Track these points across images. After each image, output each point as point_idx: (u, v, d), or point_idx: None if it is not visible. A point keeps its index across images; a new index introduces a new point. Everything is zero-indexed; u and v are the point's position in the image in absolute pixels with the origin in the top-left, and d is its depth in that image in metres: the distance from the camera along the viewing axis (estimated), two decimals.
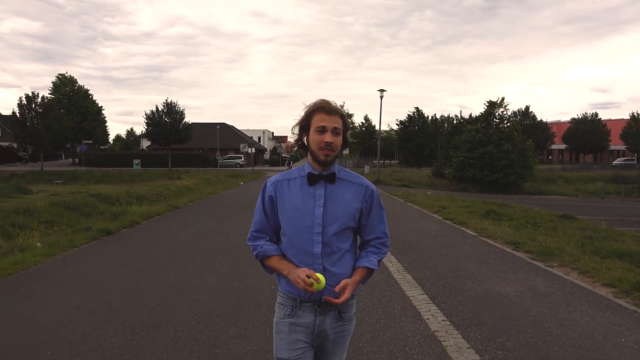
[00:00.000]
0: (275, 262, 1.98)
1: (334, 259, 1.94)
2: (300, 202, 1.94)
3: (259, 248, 2.01)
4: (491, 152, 30.70)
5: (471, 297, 5.17)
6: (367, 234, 2.05)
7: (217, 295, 5.21)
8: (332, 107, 1.91)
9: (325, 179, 1.94)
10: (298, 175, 1.99)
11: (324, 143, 1.88)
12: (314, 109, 1.92)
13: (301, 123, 1.97)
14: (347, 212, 1.95)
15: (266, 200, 2.01)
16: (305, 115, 1.95)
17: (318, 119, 1.90)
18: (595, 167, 58.83)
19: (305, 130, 1.96)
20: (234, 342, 3.89)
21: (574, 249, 7.72)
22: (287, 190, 1.97)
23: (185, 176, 30.39)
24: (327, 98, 1.96)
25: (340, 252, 1.95)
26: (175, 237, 9.26)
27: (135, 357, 3.61)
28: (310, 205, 1.93)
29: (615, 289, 5.46)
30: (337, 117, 1.91)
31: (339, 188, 1.97)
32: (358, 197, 1.98)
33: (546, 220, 12.02)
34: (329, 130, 1.89)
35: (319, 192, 1.94)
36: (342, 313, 1.99)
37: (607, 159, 75.21)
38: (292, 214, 1.94)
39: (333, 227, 1.92)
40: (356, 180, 2.01)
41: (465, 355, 3.63)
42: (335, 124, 1.90)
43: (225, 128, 61.56)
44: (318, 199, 1.93)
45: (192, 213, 13.63)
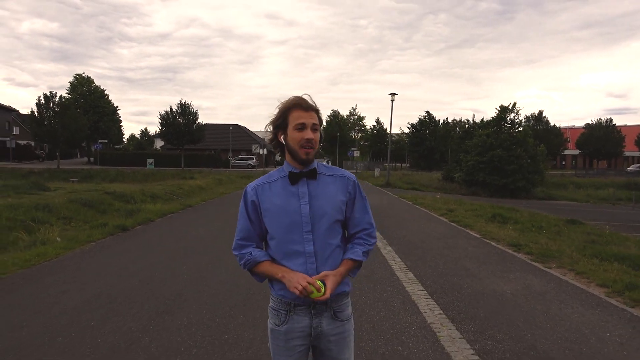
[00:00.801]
0: (267, 267, 1.92)
1: (326, 256, 1.90)
2: (285, 203, 1.89)
3: (247, 256, 1.95)
4: (500, 155, 30.74)
5: (468, 293, 5.42)
6: (353, 226, 2.00)
7: (228, 287, 5.53)
8: (308, 103, 1.89)
9: (307, 176, 1.91)
10: (278, 177, 1.96)
11: (305, 140, 1.85)
12: (290, 106, 1.88)
13: (276, 121, 1.92)
14: (333, 206, 1.91)
15: (249, 206, 1.96)
16: (280, 112, 1.91)
17: (296, 116, 1.86)
18: (610, 173, 58.30)
19: (281, 129, 1.91)
20: (242, 329, 4.20)
21: (574, 251, 7.91)
22: (270, 192, 1.93)
23: (198, 176, 30.92)
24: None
25: (331, 248, 1.91)
26: (189, 233, 9.62)
27: (152, 340, 3.93)
28: (295, 204, 1.89)
29: (608, 289, 5.68)
30: (313, 113, 1.89)
31: (322, 183, 1.93)
32: (342, 189, 1.95)
33: (552, 225, 12.19)
34: (308, 127, 1.86)
35: (302, 190, 1.90)
36: (337, 313, 1.94)
37: (621, 165, 74.45)
38: (278, 216, 1.90)
39: (322, 223, 1.89)
40: (337, 173, 1.99)
41: (457, 345, 3.89)
42: (312, 120, 1.87)
43: (237, 129, 62.21)
44: (302, 197, 1.89)
45: (205, 212, 14.01)
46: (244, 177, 34.35)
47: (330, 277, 1.85)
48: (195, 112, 46.22)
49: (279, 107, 1.92)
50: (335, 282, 1.86)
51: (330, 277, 1.85)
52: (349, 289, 1.99)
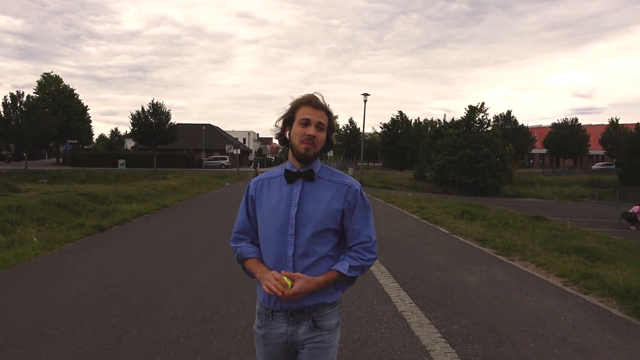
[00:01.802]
0: (252, 264, 1.91)
1: (307, 263, 1.81)
2: (275, 202, 1.85)
3: (238, 250, 1.96)
4: (469, 155, 31.64)
5: (437, 284, 5.80)
6: (351, 238, 1.89)
7: (210, 282, 5.75)
8: (319, 101, 1.83)
9: (303, 176, 1.84)
10: (279, 174, 1.91)
11: (306, 135, 1.79)
12: (300, 102, 1.83)
13: (285, 116, 1.87)
14: (324, 213, 1.82)
15: (248, 201, 1.96)
16: (290, 108, 1.86)
17: (303, 111, 1.81)
18: (576, 171, 60.38)
19: (288, 124, 1.87)
20: (226, 319, 4.45)
21: (536, 245, 8.42)
22: (267, 189, 1.90)
23: (171, 176, 30.72)
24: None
25: (315, 256, 1.82)
26: (167, 233, 9.75)
27: (140, 331, 4.13)
28: (284, 205, 1.83)
29: (566, 279, 6.15)
30: (322, 113, 1.83)
31: (318, 187, 1.85)
32: (339, 197, 1.85)
33: (517, 221, 12.78)
34: (313, 123, 1.80)
35: (296, 191, 1.84)
36: (317, 322, 1.86)
37: (586, 163, 77.11)
38: (267, 215, 1.87)
39: (307, 229, 1.81)
40: (338, 180, 1.88)
41: (426, 330, 4.24)
42: (320, 118, 1.81)
43: (210, 129, 61.83)
44: (293, 198, 1.83)
45: (181, 211, 14.10)
46: (217, 177, 34.26)
47: (300, 281, 1.76)
48: (167, 112, 45.79)
49: (290, 103, 1.87)
50: (304, 288, 1.76)
51: (300, 281, 1.76)
52: (331, 301, 1.88)
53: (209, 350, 3.77)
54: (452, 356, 3.68)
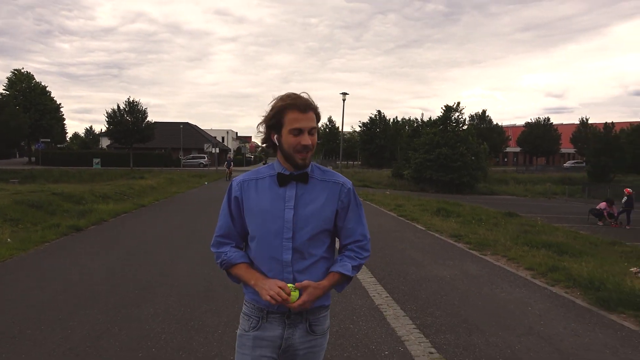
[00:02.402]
0: (242, 270, 1.81)
1: (304, 266, 1.76)
2: (268, 205, 1.76)
3: (223, 255, 1.85)
4: (446, 153, 32.19)
5: (412, 279, 5.99)
6: (345, 237, 1.86)
7: (190, 280, 5.82)
8: (306, 103, 1.71)
9: (297, 179, 1.76)
10: (267, 175, 1.81)
11: (302, 146, 1.70)
12: (285, 105, 1.70)
13: (269, 121, 1.76)
14: (320, 215, 1.77)
15: (232, 202, 1.83)
16: (274, 112, 1.73)
17: (292, 118, 1.69)
18: (549, 169, 61.94)
19: (274, 130, 1.75)
20: (207, 316, 4.54)
21: (508, 241, 8.72)
22: (255, 190, 1.79)
23: (148, 176, 30.34)
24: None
25: (312, 258, 1.77)
26: (146, 232, 9.74)
27: (121, 329, 4.19)
28: (279, 207, 1.74)
29: (534, 272, 6.42)
30: (312, 114, 1.73)
31: (312, 188, 1.78)
32: (333, 197, 1.80)
33: (491, 217, 13.14)
34: (306, 131, 1.71)
35: (289, 193, 1.76)
36: (313, 326, 1.82)
37: (558, 161, 79.13)
38: (259, 218, 1.77)
39: (305, 232, 1.74)
40: (331, 179, 1.82)
41: (401, 321, 4.41)
42: (311, 122, 1.72)
43: (188, 128, 61.25)
44: (288, 200, 1.75)
45: (159, 211, 14.03)
46: (196, 176, 34.02)
47: (309, 289, 1.71)
48: (144, 110, 45.21)
49: (272, 105, 1.76)
50: (314, 295, 1.72)
51: (310, 289, 1.71)
52: (327, 303, 1.86)
53: (191, 345, 3.86)
54: (426, 345, 3.86)
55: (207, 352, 3.72)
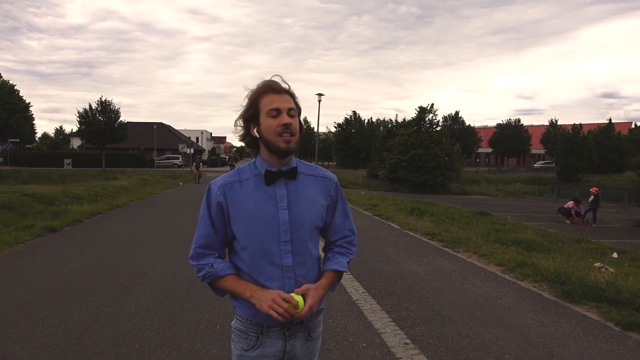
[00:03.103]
0: (232, 283, 1.64)
1: (306, 270, 1.66)
2: (259, 207, 1.61)
3: (207, 268, 1.66)
4: (421, 154, 32.74)
5: (388, 275, 6.19)
6: (333, 233, 1.78)
7: (170, 278, 5.88)
8: (280, 86, 1.62)
9: (286, 175, 1.64)
10: (251, 174, 1.67)
11: (282, 126, 1.58)
12: (260, 92, 1.62)
13: (246, 113, 1.65)
14: (315, 212, 1.68)
15: (213, 208, 1.66)
16: (249, 102, 1.64)
17: (267, 101, 1.59)
18: (520, 170, 63.51)
19: (252, 121, 1.64)
20: (188, 312, 4.63)
21: (479, 238, 9.03)
22: (241, 193, 1.64)
23: (122, 176, 29.86)
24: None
25: (311, 260, 1.68)
26: (123, 232, 9.69)
27: (103, 326, 4.24)
28: (271, 209, 1.61)
29: (504, 267, 6.70)
30: (288, 97, 1.63)
31: (302, 184, 1.67)
32: (324, 191, 1.72)
33: (463, 216, 13.51)
34: (284, 111, 1.59)
35: (280, 192, 1.63)
36: (311, 332, 1.72)
37: (529, 162, 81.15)
38: (250, 222, 1.61)
39: (302, 232, 1.64)
40: (318, 173, 1.74)
41: (378, 315, 4.59)
42: (288, 103, 1.61)
43: (162, 128, 60.51)
44: (280, 200, 1.62)
45: (135, 211, 13.93)
46: (170, 177, 33.68)
47: (311, 292, 1.60)
48: (116, 110, 44.45)
49: (247, 97, 1.66)
50: (318, 297, 1.61)
51: (312, 292, 1.60)
52: (323, 307, 1.77)
53: (174, 341, 3.95)
54: (401, 337, 4.04)
55: (190, 347, 3.82)
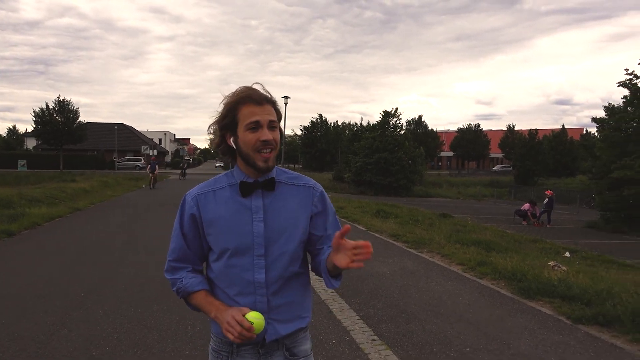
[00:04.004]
0: (200, 299, 1.56)
1: (279, 286, 1.55)
2: (233, 219, 1.52)
3: (178, 283, 1.59)
4: (386, 158, 33.31)
5: (355, 276, 6.36)
6: (321, 244, 1.62)
7: (139, 282, 5.85)
8: (261, 95, 1.51)
9: (263, 186, 1.54)
10: (226, 184, 1.58)
11: (261, 142, 1.48)
12: (238, 100, 1.50)
13: (222, 121, 1.54)
14: (294, 224, 1.56)
15: (186, 220, 1.59)
16: (227, 110, 1.52)
17: (247, 112, 1.48)
18: (480, 173, 65.38)
19: (229, 130, 1.53)
20: (159, 315, 4.64)
21: (442, 239, 9.35)
22: (214, 203, 1.55)
23: (81, 179, 29.02)
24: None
25: (287, 276, 1.56)
26: (85, 236, 9.49)
27: (71, 330, 4.21)
28: (246, 221, 1.52)
29: (465, 266, 7.00)
30: (269, 107, 1.51)
31: (281, 194, 1.57)
32: (305, 202, 1.59)
33: (426, 218, 13.90)
34: (265, 125, 1.48)
35: (256, 203, 1.53)
36: (291, 348, 1.60)
37: (488, 165, 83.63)
38: (223, 234, 1.53)
39: (278, 245, 1.53)
40: (299, 182, 1.62)
41: (346, 314, 4.75)
42: (269, 115, 1.50)
43: (123, 129, 59.01)
44: (256, 212, 1.52)
45: (97, 215, 13.61)
46: (132, 179, 32.95)
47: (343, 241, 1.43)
48: (75, 109, 43.11)
49: (223, 103, 1.55)
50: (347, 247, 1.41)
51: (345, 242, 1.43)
52: (305, 325, 1.64)
53: (145, 342, 3.97)
54: (369, 334, 4.21)
55: (163, 348, 3.86)
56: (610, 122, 19.53)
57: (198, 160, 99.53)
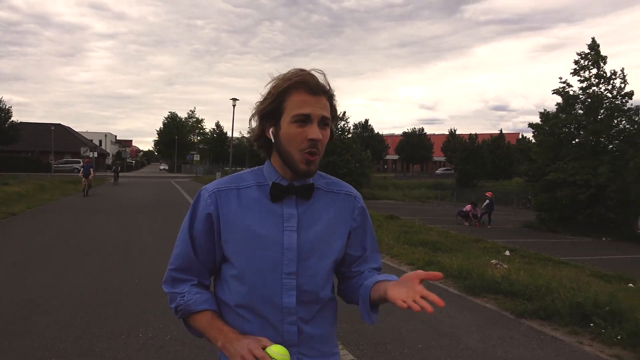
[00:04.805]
0: (205, 322, 1.26)
1: (312, 313, 1.26)
2: (260, 225, 1.24)
3: (178, 298, 1.28)
4: (335, 162, 33.70)
5: None
6: (359, 265, 1.37)
7: (85, 289, 5.60)
8: (319, 84, 1.24)
9: (298, 192, 1.26)
10: (253, 182, 1.29)
11: (308, 142, 1.20)
12: (291, 84, 1.21)
13: (265, 108, 1.25)
14: (331, 239, 1.29)
15: (199, 221, 1.27)
16: (273, 95, 1.23)
17: (297, 101, 1.21)
18: (423, 176, 67.45)
19: (271, 120, 1.25)
20: (107, 323, 4.47)
21: (391, 240, 9.59)
22: (237, 204, 1.26)
23: (14, 182, 27.24)
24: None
25: (321, 301, 1.28)
26: (25, 242, 8.96)
27: (12, 341, 3.97)
28: (276, 229, 1.24)
29: (414, 266, 7.23)
30: (325, 101, 1.24)
31: (318, 203, 1.29)
32: (345, 214, 1.33)
33: (374, 220, 14.17)
34: (315, 120, 1.21)
35: (289, 210, 1.25)
36: None
37: (431, 168, 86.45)
38: (247, 243, 1.23)
39: (311, 264, 1.25)
40: (340, 189, 1.35)
41: None
42: (323, 110, 1.23)
43: (60, 130, 56.06)
44: (288, 220, 1.24)
45: (35, 220, 12.86)
46: (70, 182, 31.37)
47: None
48: (7, 109, 40.54)
49: (270, 86, 1.26)
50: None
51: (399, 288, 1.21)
52: (337, 350, 1.37)
53: (94, 351, 3.82)
54: None
55: (114, 356, 3.72)
56: (545, 128, 20.75)
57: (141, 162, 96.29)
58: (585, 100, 19.68)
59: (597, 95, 19.40)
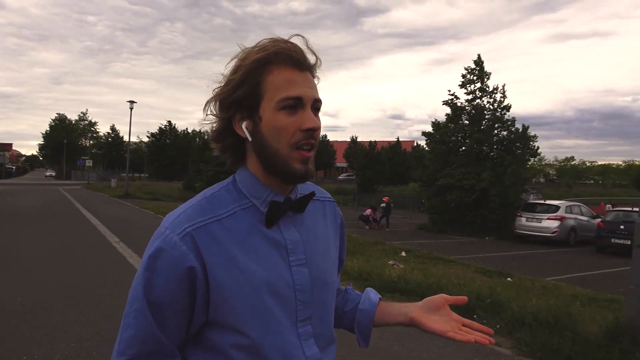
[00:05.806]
0: None
1: (332, 356, 1.03)
2: (264, 267, 0.90)
3: None
4: None
5: None
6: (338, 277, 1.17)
7: None
8: (305, 56, 0.96)
9: (294, 206, 0.97)
10: (235, 206, 0.94)
11: (304, 132, 0.92)
12: (269, 59, 0.91)
13: (233, 92, 0.92)
14: (332, 261, 1.06)
15: (168, 281, 0.86)
16: (244, 73, 0.91)
17: (281, 80, 0.90)
18: (327, 181, 69.04)
19: (243, 109, 0.93)
20: None
21: None
22: (229, 245, 0.89)
23: None
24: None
25: (334, 339, 1.05)
26: None
27: None
28: (283, 267, 0.93)
29: None
30: (311, 77, 0.97)
31: (309, 217, 1.02)
32: (334, 227, 1.11)
33: None
34: (308, 103, 0.92)
35: (291, 237, 0.95)
36: None
37: (334, 174, 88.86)
38: (253, 297, 0.88)
39: (322, 296, 0.99)
40: (323, 196, 1.12)
41: None
42: (314, 90, 0.95)
43: None
44: (294, 251, 0.95)
45: None
46: None
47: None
48: None
49: (238, 60, 0.94)
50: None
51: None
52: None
53: None
54: None
55: None
56: (436, 136, 22.34)
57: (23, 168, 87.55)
58: (470, 112, 21.55)
59: (480, 107, 21.36)
